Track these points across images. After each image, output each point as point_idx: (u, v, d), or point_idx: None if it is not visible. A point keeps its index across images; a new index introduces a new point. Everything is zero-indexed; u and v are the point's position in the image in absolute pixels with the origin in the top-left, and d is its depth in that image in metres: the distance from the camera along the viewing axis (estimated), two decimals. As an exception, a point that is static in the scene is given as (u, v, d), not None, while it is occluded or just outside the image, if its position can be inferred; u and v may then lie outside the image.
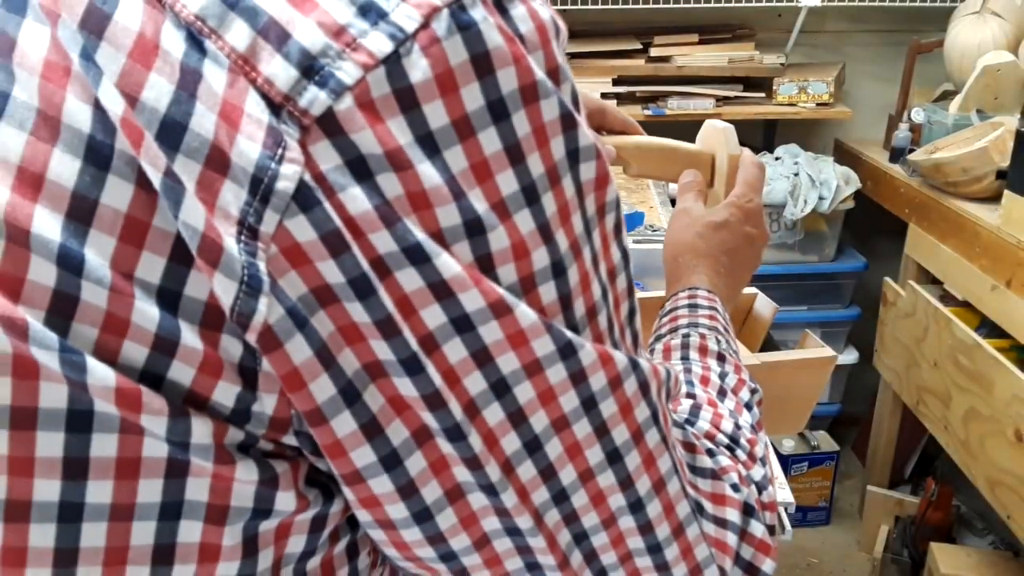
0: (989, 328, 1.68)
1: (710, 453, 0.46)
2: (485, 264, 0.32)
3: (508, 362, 0.33)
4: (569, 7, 2.18)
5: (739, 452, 0.48)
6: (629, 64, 2.19)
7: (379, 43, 0.30)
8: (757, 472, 0.48)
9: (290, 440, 0.33)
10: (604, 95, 2.15)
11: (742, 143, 0.75)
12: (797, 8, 2.20)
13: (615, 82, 2.17)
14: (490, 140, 0.32)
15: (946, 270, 1.82)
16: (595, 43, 2.20)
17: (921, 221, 1.92)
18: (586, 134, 0.35)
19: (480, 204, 0.32)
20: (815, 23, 2.31)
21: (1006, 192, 1.58)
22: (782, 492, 1.02)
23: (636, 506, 0.39)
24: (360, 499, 0.34)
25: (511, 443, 0.35)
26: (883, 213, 2.11)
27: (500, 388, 0.33)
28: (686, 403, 0.51)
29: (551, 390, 0.35)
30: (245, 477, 0.32)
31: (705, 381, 0.53)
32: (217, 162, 0.29)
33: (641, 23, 2.28)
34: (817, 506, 2.29)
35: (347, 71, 0.30)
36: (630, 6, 2.19)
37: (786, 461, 2.20)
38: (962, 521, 2.07)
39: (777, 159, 2.18)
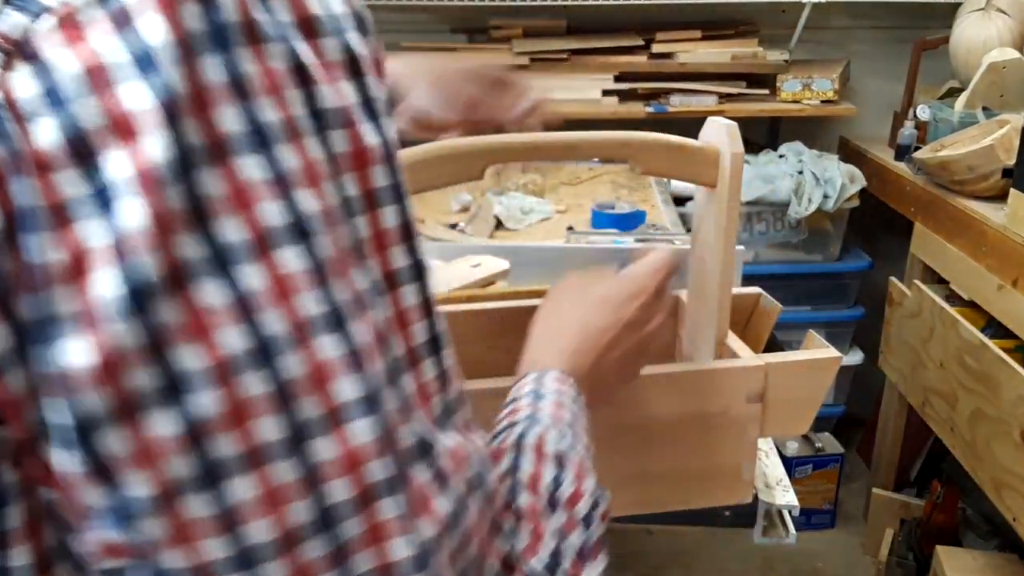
0: (995, 328, 1.67)
1: None
2: (200, 211, 0.29)
3: (191, 354, 0.29)
4: (571, 3, 2.16)
5: None
6: (631, 60, 2.18)
7: None
8: None
9: None
10: (606, 92, 2.14)
11: (745, 141, 0.74)
12: (801, 4, 2.19)
13: (617, 79, 2.15)
14: (213, 67, 0.30)
15: (952, 269, 1.81)
16: (596, 39, 2.18)
17: (927, 220, 1.91)
18: (330, 98, 0.33)
19: (196, 136, 0.29)
20: (819, 19, 2.29)
21: (1012, 191, 1.56)
22: (786, 495, 1.01)
23: None
24: None
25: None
26: (888, 212, 2.10)
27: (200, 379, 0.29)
28: (506, 518, 0.46)
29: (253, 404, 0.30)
30: None
31: (534, 488, 0.48)
32: None
33: (643, 19, 2.26)
34: (822, 509, 2.27)
35: None
36: (632, 1, 2.17)
37: (790, 464, 2.19)
38: (968, 524, 2.06)
39: (781, 157, 2.16)
